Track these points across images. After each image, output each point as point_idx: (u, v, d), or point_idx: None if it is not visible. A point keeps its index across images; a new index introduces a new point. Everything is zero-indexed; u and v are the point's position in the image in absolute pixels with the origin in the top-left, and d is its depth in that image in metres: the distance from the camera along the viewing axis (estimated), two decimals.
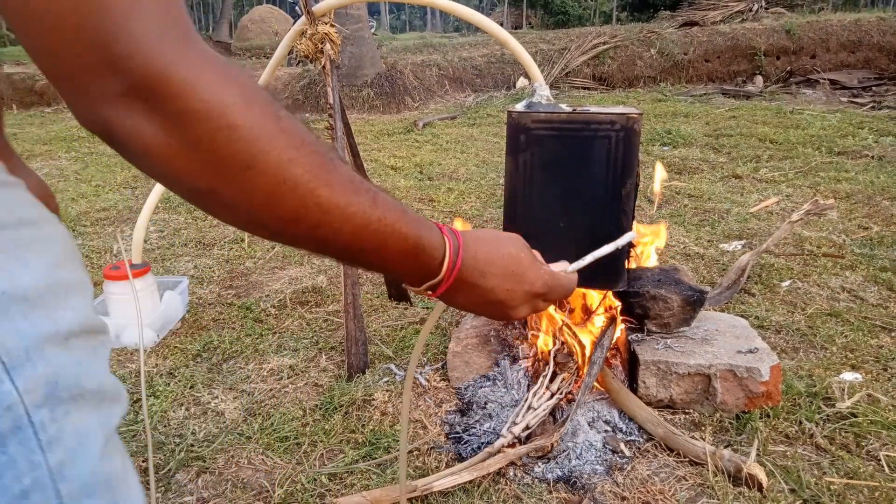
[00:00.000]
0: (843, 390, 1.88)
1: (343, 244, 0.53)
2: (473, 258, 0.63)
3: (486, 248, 0.65)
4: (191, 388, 2.04)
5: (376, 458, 1.68)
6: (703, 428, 1.76)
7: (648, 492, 1.53)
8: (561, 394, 1.79)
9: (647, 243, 2.14)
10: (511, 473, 1.61)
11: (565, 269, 0.74)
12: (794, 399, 1.83)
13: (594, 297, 1.96)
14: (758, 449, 1.63)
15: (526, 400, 1.77)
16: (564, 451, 1.66)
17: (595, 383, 1.83)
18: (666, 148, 5.32)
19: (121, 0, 0.39)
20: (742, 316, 2.22)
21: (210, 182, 0.45)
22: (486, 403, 1.85)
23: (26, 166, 0.79)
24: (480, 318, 2.06)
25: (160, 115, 0.42)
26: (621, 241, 0.78)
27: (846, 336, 2.23)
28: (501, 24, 2.53)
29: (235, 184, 0.45)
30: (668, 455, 1.66)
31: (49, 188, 0.81)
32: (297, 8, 9.20)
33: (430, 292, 0.64)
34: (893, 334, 2.25)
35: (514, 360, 1.97)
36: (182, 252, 3.28)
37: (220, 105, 0.43)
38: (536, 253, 0.71)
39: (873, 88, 8.17)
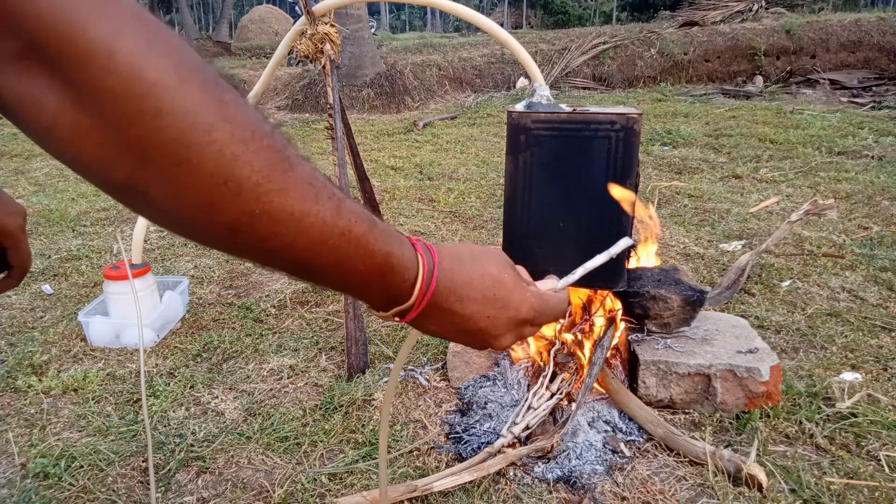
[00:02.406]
0: (843, 390, 1.88)
1: (297, 259, 0.44)
2: (450, 280, 0.54)
3: (464, 269, 0.55)
4: (191, 388, 2.04)
5: (376, 458, 1.67)
6: (703, 428, 1.76)
7: (648, 492, 1.53)
8: (561, 394, 1.79)
9: (646, 239, 2.13)
10: (511, 473, 1.61)
11: (555, 287, 0.64)
12: (794, 399, 1.83)
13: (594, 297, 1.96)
14: (758, 449, 1.63)
15: (526, 400, 1.77)
16: (564, 451, 1.66)
17: (595, 383, 1.83)
18: (666, 148, 5.32)
19: None
20: (742, 316, 2.22)
21: (130, 176, 0.36)
22: (486, 403, 1.85)
23: None
24: None
25: (66, 84, 0.33)
26: (615, 250, 0.70)
27: (846, 336, 2.23)
28: (501, 24, 2.53)
29: (163, 181, 0.36)
30: (668, 455, 1.66)
31: (10, 203, 0.75)
32: (297, 8, 9.20)
33: (397, 318, 0.55)
34: (893, 334, 2.25)
35: (514, 359, 1.97)
36: (182, 252, 3.28)
37: (142, 82, 0.33)
38: (522, 270, 0.62)
39: (873, 88, 8.17)
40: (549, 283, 0.65)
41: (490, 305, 0.56)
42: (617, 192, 0.73)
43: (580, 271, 0.67)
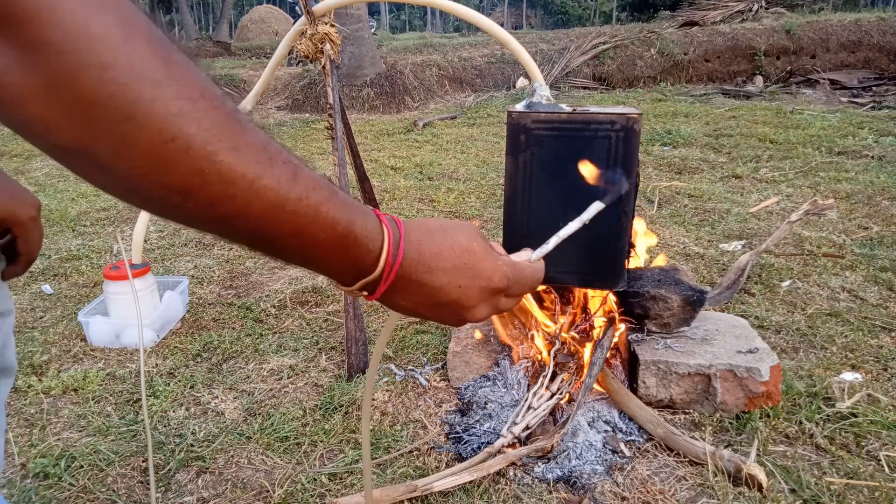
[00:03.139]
0: (843, 390, 1.88)
1: (252, 227, 0.43)
2: (418, 251, 0.53)
3: (433, 239, 0.55)
4: (191, 388, 2.04)
5: (376, 458, 1.68)
6: (702, 428, 1.76)
7: (648, 492, 1.53)
8: (561, 394, 1.79)
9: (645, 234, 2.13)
10: (511, 473, 1.61)
11: (530, 258, 0.64)
12: (794, 399, 1.83)
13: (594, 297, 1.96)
14: (758, 449, 1.63)
15: (526, 400, 1.77)
16: (564, 451, 1.66)
17: (595, 383, 1.83)
18: (666, 148, 5.32)
19: None
20: (742, 316, 2.22)
21: (78, 136, 0.36)
22: (486, 403, 1.85)
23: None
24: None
25: (10, 44, 0.33)
26: (587, 215, 0.69)
27: (846, 336, 2.23)
28: (501, 24, 2.53)
29: (110, 139, 0.36)
30: (668, 455, 1.66)
31: (24, 195, 0.76)
32: (297, 8, 9.19)
33: (366, 294, 0.54)
34: (893, 334, 2.25)
35: (514, 359, 1.97)
36: (182, 252, 3.28)
37: (86, 36, 0.33)
38: (496, 244, 0.62)
39: (873, 88, 8.17)
40: (524, 255, 0.64)
41: (460, 275, 0.55)
42: (585, 169, 0.73)
43: (554, 240, 0.67)
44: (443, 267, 0.54)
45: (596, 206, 0.69)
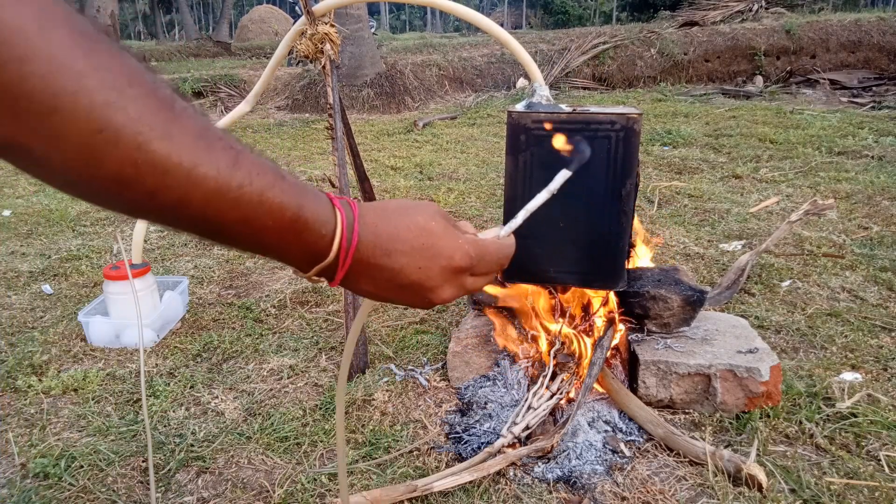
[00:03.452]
0: (843, 390, 1.88)
1: (196, 216, 0.43)
2: (374, 234, 0.52)
3: (389, 221, 0.54)
4: (191, 388, 2.04)
5: (376, 458, 1.68)
6: (702, 428, 1.76)
7: (648, 492, 1.53)
8: (561, 394, 1.79)
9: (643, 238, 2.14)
10: (511, 473, 1.61)
11: (497, 234, 0.62)
12: (794, 399, 1.83)
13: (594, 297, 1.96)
14: (758, 449, 1.63)
15: (526, 400, 1.77)
16: (564, 451, 1.66)
17: (595, 383, 1.83)
18: (666, 148, 5.32)
19: None
20: (742, 316, 2.22)
21: (8, 132, 0.36)
22: (486, 403, 1.85)
23: None
24: (481, 318, 2.06)
25: None
26: (554, 185, 0.67)
27: (846, 336, 2.23)
28: (501, 24, 2.53)
29: (39, 133, 0.36)
30: (668, 455, 1.66)
31: None
32: (297, 8, 9.19)
33: (325, 280, 0.54)
34: (893, 334, 2.25)
35: (514, 359, 1.97)
36: (182, 252, 3.28)
37: (4, 30, 0.33)
38: (465, 223, 0.61)
39: (873, 88, 8.17)
40: (492, 232, 0.63)
41: (419, 255, 0.54)
42: (557, 141, 0.72)
43: (522, 214, 0.66)
44: (400, 249, 0.53)
45: (563, 175, 0.68)
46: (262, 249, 0.49)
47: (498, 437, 1.65)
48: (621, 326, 1.91)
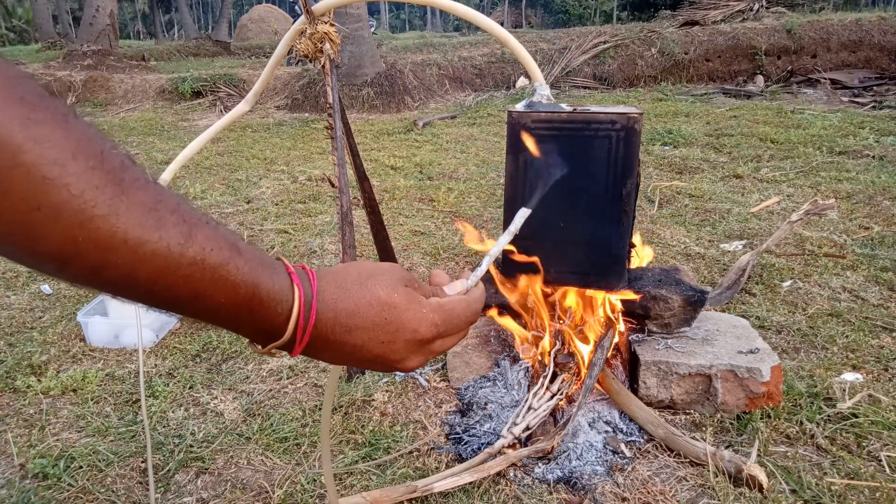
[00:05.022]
0: (844, 391, 1.87)
1: (143, 291, 0.41)
2: (333, 311, 0.50)
3: (350, 297, 0.51)
4: (190, 388, 2.03)
5: (376, 459, 1.67)
6: (703, 428, 1.75)
7: (649, 492, 1.53)
8: (561, 394, 1.79)
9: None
10: (511, 474, 1.60)
11: (465, 287, 0.60)
12: (795, 399, 1.83)
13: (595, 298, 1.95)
14: (758, 449, 1.63)
15: (526, 400, 1.76)
16: (565, 451, 1.66)
17: (595, 384, 1.82)
18: (667, 148, 5.31)
19: None
20: (743, 316, 2.21)
21: None
22: (486, 404, 1.84)
23: None
24: (481, 318, 2.05)
25: None
26: (514, 227, 0.65)
27: (847, 336, 2.22)
28: (501, 24, 2.53)
29: None
30: (668, 456, 1.66)
31: None
32: (296, 7, 9.19)
33: (282, 352, 0.51)
34: (894, 334, 2.24)
35: (515, 360, 1.97)
36: None
37: None
38: (435, 274, 0.58)
39: (874, 88, 8.16)
40: (458, 286, 0.60)
41: (381, 331, 0.52)
42: (529, 142, 0.72)
43: (486, 261, 0.64)
44: (361, 325, 0.51)
45: (522, 214, 0.66)
46: (215, 323, 0.47)
47: (498, 438, 1.65)
48: (622, 326, 1.91)
